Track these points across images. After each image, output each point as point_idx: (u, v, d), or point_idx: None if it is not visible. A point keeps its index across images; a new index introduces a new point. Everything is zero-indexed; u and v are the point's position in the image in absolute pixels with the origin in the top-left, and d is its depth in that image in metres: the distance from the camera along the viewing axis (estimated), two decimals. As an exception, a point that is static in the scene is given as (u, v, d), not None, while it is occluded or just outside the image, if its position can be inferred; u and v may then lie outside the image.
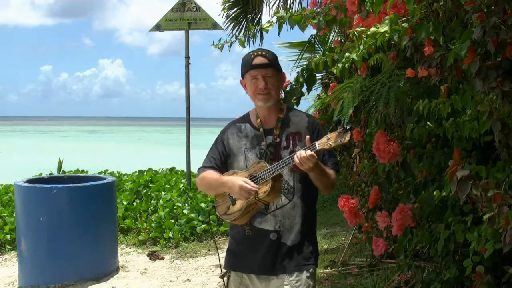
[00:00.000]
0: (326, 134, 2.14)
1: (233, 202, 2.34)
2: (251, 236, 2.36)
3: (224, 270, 2.51)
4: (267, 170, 2.23)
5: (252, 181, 2.28)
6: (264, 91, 2.31)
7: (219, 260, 2.82)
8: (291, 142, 2.35)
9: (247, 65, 2.34)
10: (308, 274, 2.34)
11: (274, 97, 2.36)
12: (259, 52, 2.34)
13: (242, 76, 2.41)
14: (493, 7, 1.92)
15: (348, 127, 2.06)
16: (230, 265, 2.47)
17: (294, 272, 2.32)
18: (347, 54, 2.69)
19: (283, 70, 2.46)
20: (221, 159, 2.43)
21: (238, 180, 2.25)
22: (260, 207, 2.33)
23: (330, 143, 2.10)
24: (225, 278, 2.50)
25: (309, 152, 2.11)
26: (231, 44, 3.63)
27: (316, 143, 2.14)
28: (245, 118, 2.48)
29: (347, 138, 2.06)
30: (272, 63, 2.34)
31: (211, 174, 2.40)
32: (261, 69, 2.31)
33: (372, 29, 2.45)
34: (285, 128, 2.37)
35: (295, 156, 2.14)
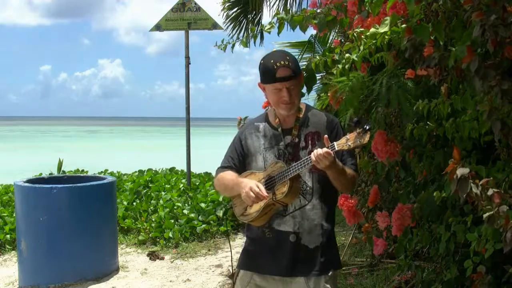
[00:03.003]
0: (345, 135, 2.11)
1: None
2: (271, 238, 2.32)
3: (233, 270, 2.49)
4: (285, 170, 2.19)
5: (270, 181, 2.24)
6: (289, 102, 2.27)
7: (232, 258, 2.77)
8: (310, 142, 2.32)
9: (270, 77, 2.24)
10: (327, 278, 2.31)
11: (296, 104, 2.33)
12: (282, 62, 2.22)
13: (262, 82, 2.32)
14: (492, 6, 1.92)
15: (367, 128, 2.02)
16: (245, 265, 2.43)
17: (313, 276, 2.29)
18: (347, 55, 2.69)
19: None
20: (239, 159, 2.40)
21: (250, 183, 2.22)
22: (278, 208, 2.29)
23: (349, 143, 2.06)
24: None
25: (325, 149, 2.08)
26: (233, 45, 3.63)
27: (335, 143, 2.10)
28: (263, 118, 2.44)
29: (366, 139, 2.02)
30: (296, 73, 2.26)
31: (229, 175, 2.37)
32: (285, 82, 2.23)
33: (372, 29, 2.45)
34: (303, 128, 2.34)
35: (312, 154, 2.10)
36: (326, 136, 2.15)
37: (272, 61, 2.25)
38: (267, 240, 2.33)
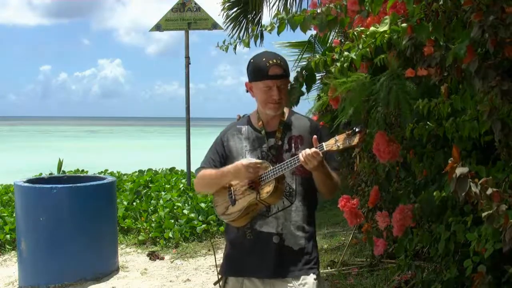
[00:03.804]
0: (334, 136, 2.10)
1: (233, 202, 2.30)
2: (252, 240, 2.31)
3: (219, 276, 2.47)
4: (271, 170, 2.19)
5: (254, 181, 2.23)
6: (277, 101, 2.27)
7: (216, 261, 2.79)
8: (293, 145, 2.32)
9: (262, 75, 2.25)
10: (314, 277, 2.31)
11: (283, 105, 2.34)
12: (274, 61, 2.25)
13: (251, 81, 2.32)
14: (491, 7, 1.92)
15: (357, 130, 2.02)
16: (229, 271, 2.41)
17: (299, 276, 2.28)
18: (346, 53, 2.69)
19: None
20: (220, 161, 2.39)
21: (241, 161, 2.22)
22: (260, 209, 2.28)
23: (338, 144, 2.06)
24: (220, 283, 2.45)
25: (313, 149, 2.08)
26: (235, 46, 3.62)
27: (324, 144, 2.10)
28: (246, 121, 2.44)
29: (356, 140, 2.02)
30: (287, 73, 2.29)
31: (210, 171, 2.36)
32: (277, 80, 2.25)
33: (372, 28, 2.45)
34: (287, 131, 2.35)
35: (300, 155, 2.11)
36: (315, 136, 2.15)
37: (264, 59, 2.27)
38: (247, 242, 2.32)
